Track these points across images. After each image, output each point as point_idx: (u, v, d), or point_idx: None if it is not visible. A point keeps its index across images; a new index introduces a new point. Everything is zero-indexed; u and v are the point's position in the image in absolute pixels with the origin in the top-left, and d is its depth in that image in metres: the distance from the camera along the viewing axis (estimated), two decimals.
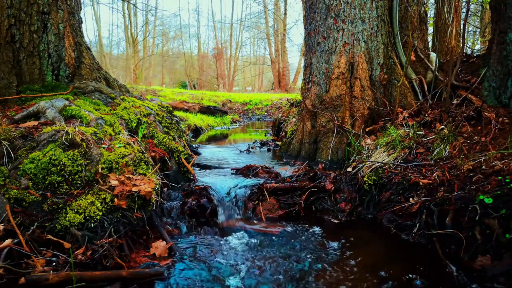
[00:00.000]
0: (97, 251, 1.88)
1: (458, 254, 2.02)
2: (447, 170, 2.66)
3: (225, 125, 10.52)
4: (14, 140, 2.34)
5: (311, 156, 4.18)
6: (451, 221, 2.17)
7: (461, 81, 4.09)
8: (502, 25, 3.33)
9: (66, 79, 3.72)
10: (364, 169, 3.21)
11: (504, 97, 3.33)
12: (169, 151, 3.32)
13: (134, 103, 3.78)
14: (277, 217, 2.85)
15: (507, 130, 2.99)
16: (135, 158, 2.63)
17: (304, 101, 4.37)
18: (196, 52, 35.63)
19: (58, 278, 1.64)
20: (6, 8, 3.34)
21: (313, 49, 4.33)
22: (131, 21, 28.49)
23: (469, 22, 11.49)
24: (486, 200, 2.04)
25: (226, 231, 2.61)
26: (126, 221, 2.21)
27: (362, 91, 4.01)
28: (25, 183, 2.10)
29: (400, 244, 2.35)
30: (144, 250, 2.21)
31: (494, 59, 3.47)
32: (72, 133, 2.42)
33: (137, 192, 2.29)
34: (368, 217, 2.85)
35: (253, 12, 40.40)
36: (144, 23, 29.64)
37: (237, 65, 33.10)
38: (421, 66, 4.53)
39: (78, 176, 2.28)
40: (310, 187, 3.08)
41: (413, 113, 3.92)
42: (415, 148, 3.18)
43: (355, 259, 2.13)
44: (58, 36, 3.65)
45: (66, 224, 1.96)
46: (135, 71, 27.17)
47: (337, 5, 4.05)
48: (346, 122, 3.94)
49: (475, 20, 12.50)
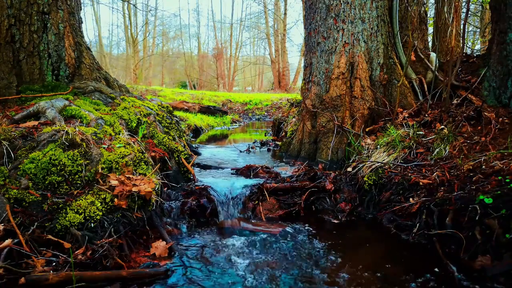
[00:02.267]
0: (97, 251, 1.88)
1: (458, 254, 2.02)
2: (447, 170, 2.66)
3: (225, 125, 10.52)
4: (14, 140, 2.34)
5: (311, 156, 4.18)
6: (451, 221, 2.17)
7: (461, 81, 4.09)
8: (502, 25, 3.33)
9: (66, 79, 3.72)
10: (364, 169, 3.21)
11: (504, 97, 3.33)
12: (169, 151, 3.32)
13: (134, 103, 3.78)
14: (277, 217, 2.85)
15: (507, 130, 2.99)
16: (135, 158, 2.63)
17: (304, 101, 4.37)
18: (196, 52, 35.66)
19: (58, 278, 1.64)
20: (6, 8, 3.34)
21: (313, 49, 4.33)
22: (131, 21, 28.51)
23: (469, 22, 11.48)
24: (486, 200, 2.04)
25: (226, 231, 2.61)
26: (126, 221, 2.21)
27: (362, 91, 4.01)
28: (25, 183, 2.10)
29: (400, 244, 2.35)
30: (144, 250, 2.21)
31: (494, 59, 3.47)
32: (72, 133, 2.42)
33: (137, 192, 2.29)
34: (368, 217, 2.85)
35: (253, 12, 40.48)
36: (144, 23, 29.66)
37: (237, 65, 33.10)
38: (421, 66, 4.53)
39: (78, 176, 2.28)
40: (310, 187, 3.08)
41: (413, 113, 3.92)
42: (415, 148, 3.18)
43: (355, 259, 2.13)
44: (58, 36, 3.65)
45: (66, 224, 1.96)
46: (135, 71, 27.17)
47: (337, 5, 4.05)
48: (346, 122, 3.94)
49: (475, 20, 12.49)
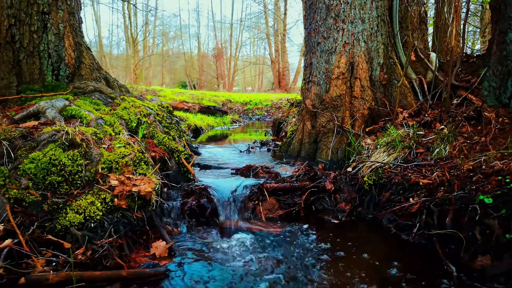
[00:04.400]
0: (97, 251, 1.88)
1: (458, 254, 2.02)
2: (447, 170, 2.66)
3: (225, 125, 10.52)
4: (14, 140, 2.34)
5: (311, 156, 4.18)
6: (451, 221, 2.17)
7: (461, 81, 4.09)
8: (502, 25, 3.33)
9: (66, 79, 3.72)
10: (364, 169, 3.21)
11: (504, 97, 3.33)
12: (169, 151, 3.32)
13: (134, 103, 3.78)
14: (277, 217, 2.85)
15: (507, 130, 2.99)
16: (135, 158, 2.63)
17: (304, 101, 4.37)
18: (196, 52, 35.68)
19: (58, 278, 1.64)
20: (6, 8, 3.34)
21: (313, 49, 4.33)
22: (131, 21, 28.55)
23: (469, 22, 11.48)
24: (486, 200, 2.04)
25: (226, 231, 2.61)
26: (126, 221, 2.21)
27: (362, 91, 4.01)
28: (25, 183, 2.10)
29: (400, 244, 2.35)
30: (144, 250, 2.21)
31: (494, 59, 3.47)
32: (72, 133, 2.42)
33: (137, 192, 2.29)
34: (368, 217, 2.85)
35: (253, 12, 40.44)
36: (144, 23, 29.68)
37: (237, 65, 33.12)
38: (421, 66, 4.53)
39: (78, 176, 2.28)
40: (310, 187, 3.08)
41: (413, 113, 3.92)
42: (415, 148, 3.18)
43: (355, 259, 2.13)
44: (58, 36, 3.65)
45: (66, 224, 1.96)
46: (135, 71, 27.18)
47: (337, 5, 4.05)
48: (346, 122, 3.94)
49: (475, 20, 12.50)
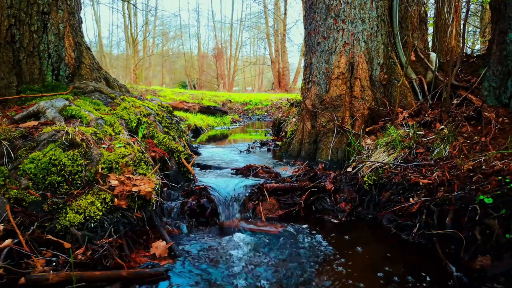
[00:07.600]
0: (97, 251, 1.88)
1: (458, 254, 2.02)
2: (447, 170, 2.66)
3: (225, 125, 10.52)
4: (14, 140, 2.34)
5: (311, 156, 4.18)
6: (451, 221, 2.17)
7: (461, 81, 4.09)
8: (502, 25, 3.33)
9: (66, 79, 3.72)
10: (364, 169, 3.21)
11: (504, 97, 3.33)
12: (169, 151, 3.32)
13: (134, 103, 3.78)
14: (277, 217, 2.85)
15: (507, 130, 2.99)
16: (135, 158, 2.63)
17: (304, 101, 4.37)
18: (196, 52, 35.68)
19: (58, 278, 1.64)
20: (6, 8, 3.34)
21: (313, 49, 4.33)
22: (131, 21, 28.54)
23: (469, 22, 11.48)
24: (486, 200, 2.04)
25: (226, 231, 2.61)
26: (126, 221, 2.21)
27: (362, 91, 4.01)
28: (25, 183, 2.10)
29: (400, 244, 2.35)
30: (144, 250, 2.20)
31: (494, 59, 3.47)
32: (72, 133, 2.42)
33: (137, 192, 2.29)
34: (368, 217, 2.85)
35: (253, 12, 40.51)
36: (144, 23, 29.67)
37: (237, 65, 33.12)
38: (421, 66, 4.53)
39: (78, 176, 2.28)
40: (310, 187, 3.08)
41: (413, 113, 3.92)
42: (415, 148, 3.18)
43: (355, 259, 2.13)
44: (58, 36, 3.65)
45: (66, 224, 1.96)
46: (135, 71, 27.18)
47: (337, 5, 4.05)
48: (346, 122, 3.94)
49: (475, 20, 12.50)
